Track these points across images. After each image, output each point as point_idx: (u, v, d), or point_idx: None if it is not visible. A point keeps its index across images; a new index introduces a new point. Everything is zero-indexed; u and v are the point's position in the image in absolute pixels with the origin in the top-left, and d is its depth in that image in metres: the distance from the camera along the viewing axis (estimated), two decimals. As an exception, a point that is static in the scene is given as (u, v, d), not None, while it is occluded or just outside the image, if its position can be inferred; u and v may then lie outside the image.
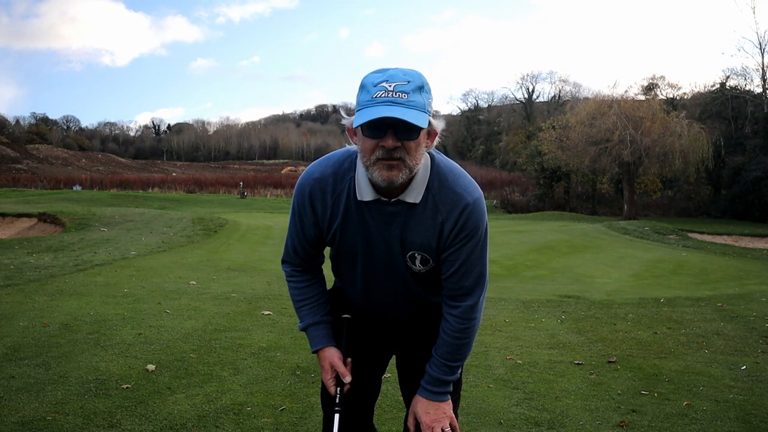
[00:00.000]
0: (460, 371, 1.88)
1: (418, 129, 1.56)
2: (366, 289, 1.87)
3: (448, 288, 1.77)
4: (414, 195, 1.68)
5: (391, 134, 1.55)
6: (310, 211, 1.78)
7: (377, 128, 1.55)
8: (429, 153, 1.72)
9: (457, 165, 1.78)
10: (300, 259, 1.90)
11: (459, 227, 1.69)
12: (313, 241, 1.84)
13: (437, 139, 1.69)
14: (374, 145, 1.58)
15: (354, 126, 1.60)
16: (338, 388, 1.84)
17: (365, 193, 1.70)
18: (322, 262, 1.96)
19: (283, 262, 1.95)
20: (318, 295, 1.93)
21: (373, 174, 1.61)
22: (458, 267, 1.73)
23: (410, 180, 1.67)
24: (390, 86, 1.54)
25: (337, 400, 1.83)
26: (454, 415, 1.84)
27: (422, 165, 1.67)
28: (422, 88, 1.57)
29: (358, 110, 1.57)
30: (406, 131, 1.55)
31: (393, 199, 1.69)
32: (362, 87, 1.58)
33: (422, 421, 1.80)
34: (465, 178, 1.74)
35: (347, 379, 1.83)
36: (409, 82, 1.55)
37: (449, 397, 1.84)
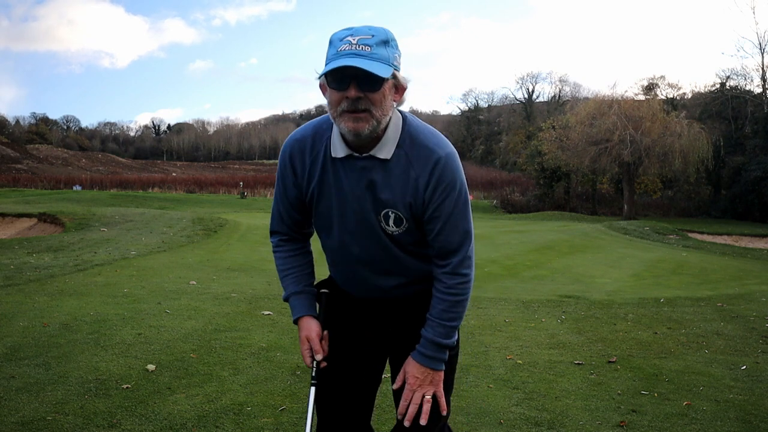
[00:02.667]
0: (456, 339, 1.83)
1: (380, 80, 1.58)
2: (343, 255, 1.86)
3: (436, 248, 1.77)
4: (385, 151, 1.70)
5: (354, 85, 1.58)
6: (290, 171, 1.82)
7: (341, 80, 1.59)
8: (401, 112, 1.74)
9: (430, 125, 1.79)
10: (286, 227, 1.92)
11: (435, 182, 1.69)
12: (295, 203, 1.86)
13: (405, 95, 1.71)
14: (340, 97, 1.61)
15: (318, 78, 1.65)
16: (314, 362, 1.87)
17: (338, 149, 1.72)
18: (310, 234, 1.97)
19: (272, 233, 1.97)
20: (302, 265, 1.95)
21: (340, 126, 1.64)
22: (443, 224, 1.73)
23: (381, 136, 1.69)
24: (354, 39, 1.58)
25: (313, 374, 1.88)
26: (442, 391, 1.81)
27: (393, 123, 1.70)
28: (387, 42, 1.61)
29: (325, 64, 1.62)
30: (368, 82, 1.58)
31: (364, 155, 1.71)
32: (330, 43, 1.62)
33: (408, 382, 1.79)
34: (436, 135, 1.75)
35: (319, 356, 1.86)
36: (373, 36, 1.59)
37: (443, 367, 1.80)
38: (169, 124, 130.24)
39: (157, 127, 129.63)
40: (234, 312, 5.93)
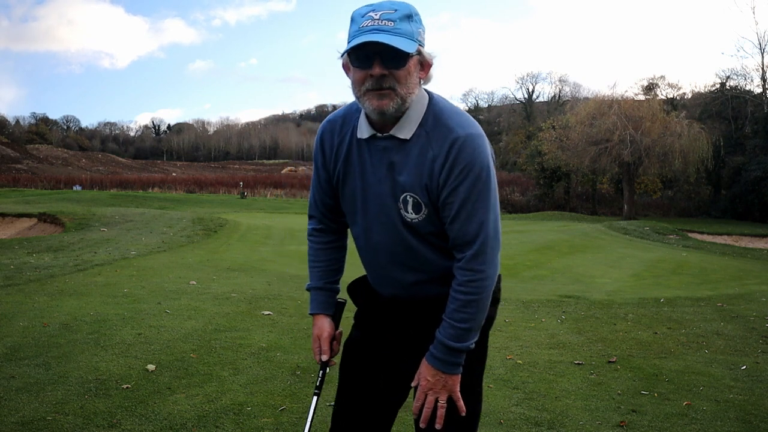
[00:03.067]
0: (472, 342, 1.67)
1: (405, 56, 1.53)
2: (365, 243, 1.80)
3: (451, 239, 1.67)
4: (405, 131, 1.63)
5: (378, 62, 1.53)
6: (320, 153, 1.80)
7: (364, 58, 1.54)
8: (428, 92, 1.68)
9: (458, 107, 1.70)
10: (319, 212, 1.90)
11: (451, 163, 1.59)
12: (326, 187, 1.83)
13: (431, 72, 1.65)
14: (363, 75, 1.56)
15: (341, 56, 1.59)
16: (321, 372, 1.88)
17: (364, 130, 1.68)
18: (347, 225, 1.91)
19: (309, 217, 1.95)
20: (330, 261, 1.92)
21: (365, 105, 1.59)
22: (457, 210, 1.61)
23: (402, 115, 1.63)
24: (376, 15, 1.53)
25: (318, 383, 1.88)
26: (458, 394, 1.69)
27: (417, 101, 1.63)
28: (410, 17, 1.55)
29: (347, 42, 1.56)
30: (393, 59, 1.53)
31: (385, 134, 1.65)
32: (351, 20, 1.58)
33: (420, 384, 1.71)
34: (462, 115, 1.66)
35: (324, 357, 1.85)
36: (396, 10, 1.54)
37: (458, 371, 1.68)
38: (169, 124, 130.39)
39: (157, 127, 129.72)
40: (234, 312, 5.93)
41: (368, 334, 1.88)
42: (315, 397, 1.86)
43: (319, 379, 1.87)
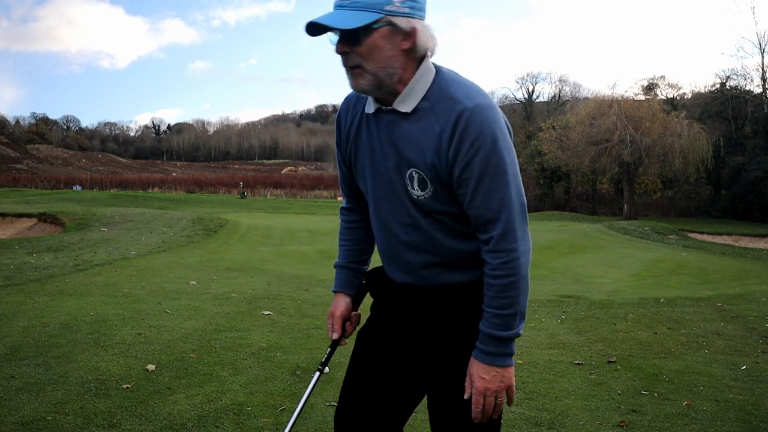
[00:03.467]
0: (520, 327, 1.58)
1: (356, 32, 1.47)
2: (376, 222, 1.74)
3: (473, 219, 1.57)
4: (407, 104, 1.56)
5: (341, 41, 1.50)
6: (337, 131, 1.78)
7: (333, 37, 1.52)
8: (435, 66, 1.59)
9: (468, 79, 1.60)
10: (345, 192, 1.90)
11: (459, 137, 1.49)
12: (343, 167, 1.82)
13: (425, 42, 1.53)
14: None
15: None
16: (330, 349, 1.87)
17: (371, 104, 1.64)
18: None
19: (342, 195, 1.95)
20: (356, 240, 1.91)
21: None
22: (474, 188, 1.51)
23: (402, 88, 1.56)
24: None
25: (324, 359, 1.86)
26: (513, 384, 1.61)
27: (421, 74, 1.55)
28: None
29: None
30: (350, 36, 1.48)
31: (388, 108, 1.60)
32: None
33: (475, 386, 1.57)
34: (469, 86, 1.55)
35: (335, 336, 1.83)
36: None
37: (511, 361, 1.58)
38: (169, 124, 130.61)
39: (157, 127, 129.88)
40: (234, 312, 5.93)
41: (381, 326, 1.81)
42: (317, 373, 1.84)
43: (326, 355, 1.86)
